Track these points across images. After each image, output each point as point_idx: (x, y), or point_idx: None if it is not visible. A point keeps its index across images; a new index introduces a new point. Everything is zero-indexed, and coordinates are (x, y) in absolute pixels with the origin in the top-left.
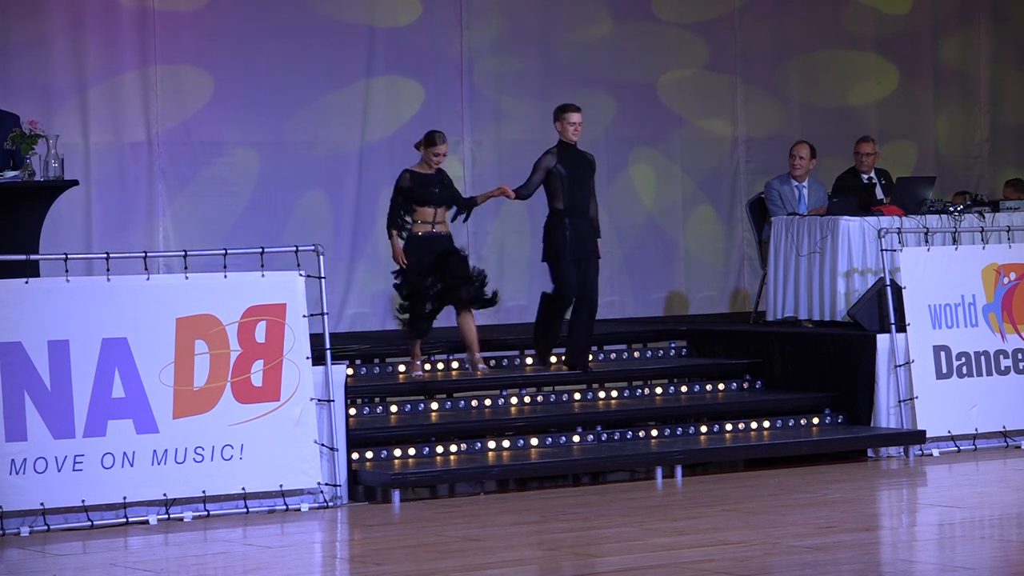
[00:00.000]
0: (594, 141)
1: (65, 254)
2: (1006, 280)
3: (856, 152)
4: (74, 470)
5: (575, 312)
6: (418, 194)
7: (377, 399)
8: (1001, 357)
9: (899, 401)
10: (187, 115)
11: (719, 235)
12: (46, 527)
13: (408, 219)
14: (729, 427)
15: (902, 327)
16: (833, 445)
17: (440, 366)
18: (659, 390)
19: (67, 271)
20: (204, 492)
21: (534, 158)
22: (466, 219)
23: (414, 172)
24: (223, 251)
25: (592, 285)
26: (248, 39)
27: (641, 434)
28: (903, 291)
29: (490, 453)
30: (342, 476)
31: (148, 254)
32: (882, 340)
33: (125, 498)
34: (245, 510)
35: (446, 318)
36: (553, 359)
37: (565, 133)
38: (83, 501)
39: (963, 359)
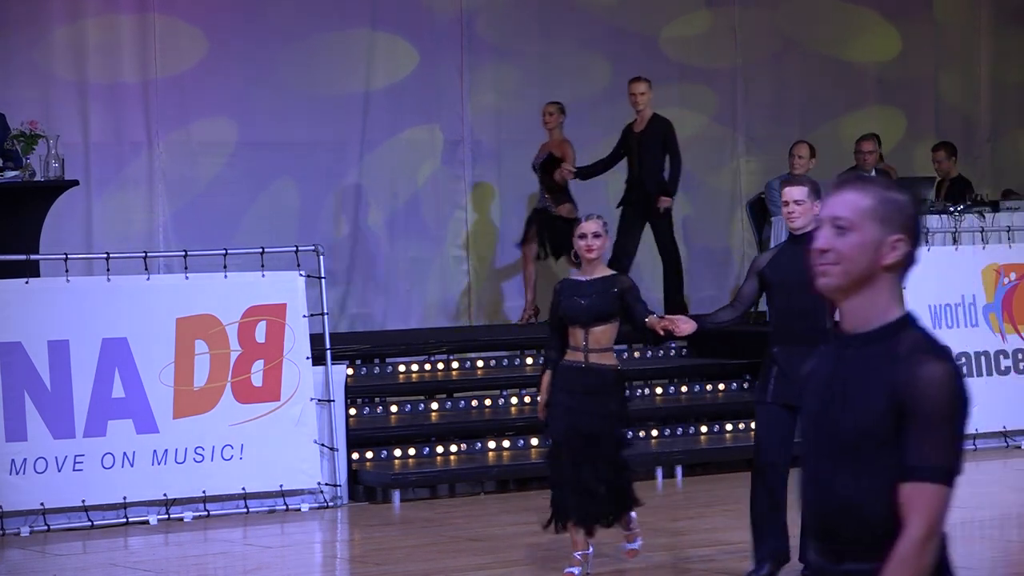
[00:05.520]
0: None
1: (65, 254)
2: (1006, 280)
3: (858, 151)
4: (74, 470)
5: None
6: (563, 306)
7: (377, 399)
8: (1001, 357)
9: None
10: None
11: (719, 235)
12: (46, 527)
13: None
14: (729, 427)
15: None
16: None
17: (440, 366)
18: (659, 390)
19: (67, 271)
20: (204, 492)
21: (530, 149)
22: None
23: (567, 279)
24: (223, 251)
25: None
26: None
27: (641, 434)
28: (903, 291)
29: (490, 453)
30: (342, 476)
31: (148, 254)
32: None
33: (125, 498)
34: (245, 510)
35: (442, 317)
36: None
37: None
38: (83, 501)
39: (963, 359)
